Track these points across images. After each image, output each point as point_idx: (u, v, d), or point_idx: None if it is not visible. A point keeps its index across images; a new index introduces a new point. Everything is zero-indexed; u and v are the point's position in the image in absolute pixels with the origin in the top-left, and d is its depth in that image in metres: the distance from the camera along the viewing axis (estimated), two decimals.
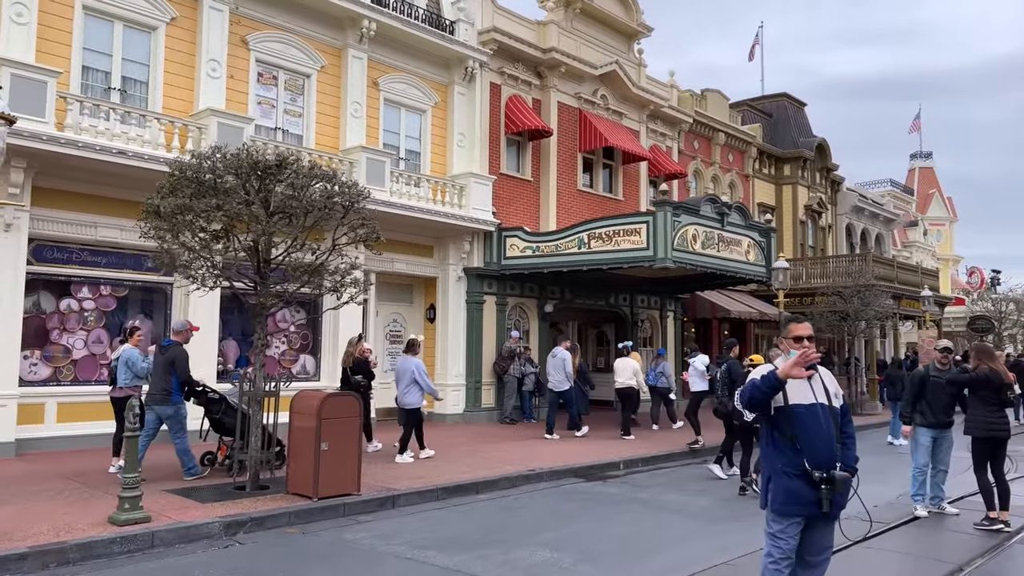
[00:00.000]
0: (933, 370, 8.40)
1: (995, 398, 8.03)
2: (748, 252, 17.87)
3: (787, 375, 4.21)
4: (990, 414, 8.02)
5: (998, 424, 8.03)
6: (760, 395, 4.26)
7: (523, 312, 17.93)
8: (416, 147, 16.36)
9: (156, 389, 8.92)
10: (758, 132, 26.23)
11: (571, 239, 16.14)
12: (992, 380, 8.18)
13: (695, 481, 10.69)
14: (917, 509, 8.45)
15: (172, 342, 9.16)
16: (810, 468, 4.25)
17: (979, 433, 8.08)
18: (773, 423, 4.37)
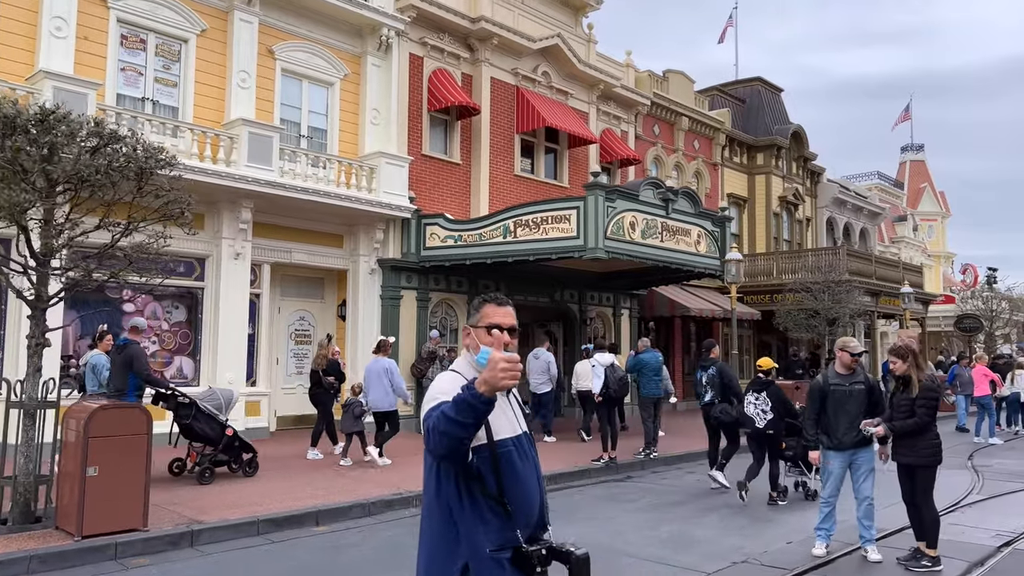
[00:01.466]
0: (834, 377, 6.68)
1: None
2: (698, 243, 16.17)
3: (494, 387, 2.41)
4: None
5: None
6: (462, 431, 2.42)
7: (451, 309, 16.22)
8: (322, 124, 14.67)
9: (112, 390, 8.59)
10: (727, 118, 24.51)
11: (496, 227, 14.45)
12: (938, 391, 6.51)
13: (598, 505, 8.98)
14: (816, 546, 6.76)
15: (129, 341, 8.80)
16: (524, 543, 2.58)
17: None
18: (466, 475, 2.62)
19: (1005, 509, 9.00)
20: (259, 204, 12.87)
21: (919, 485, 6.39)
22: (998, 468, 12.29)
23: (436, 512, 2.61)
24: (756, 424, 9.27)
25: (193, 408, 9.01)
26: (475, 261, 14.61)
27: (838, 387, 6.62)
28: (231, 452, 9.42)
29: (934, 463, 6.34)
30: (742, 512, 8.66)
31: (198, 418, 9.01)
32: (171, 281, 12.49)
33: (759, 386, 9.40)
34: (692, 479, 11.13)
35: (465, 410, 2.38)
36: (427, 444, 2.53)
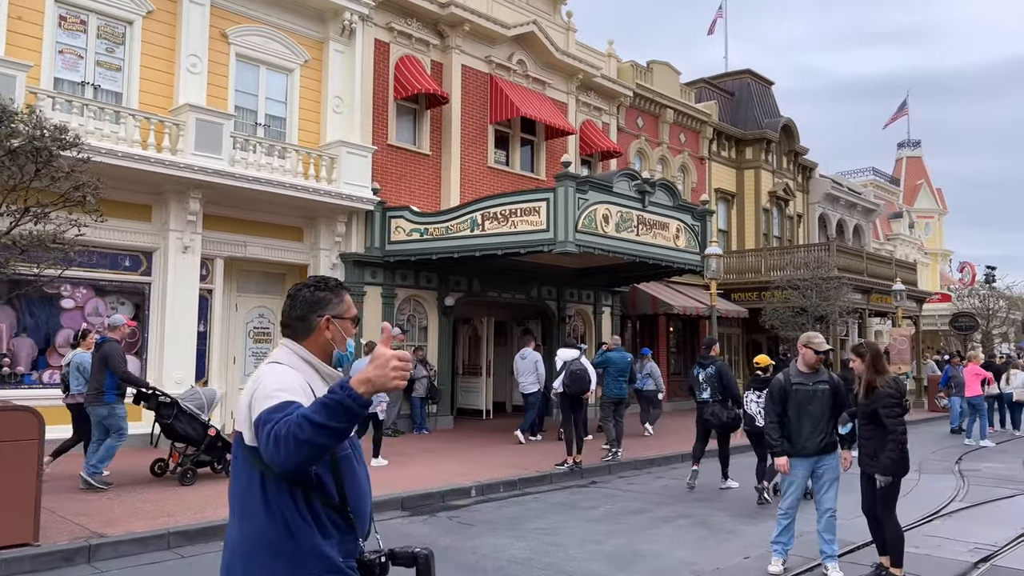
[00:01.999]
0: (797, 376, 6.04)
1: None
2: (677, 237, 15.54)
3: (380, 388, 1.99)
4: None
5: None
6: (331, 439, 1.97)
7: (419, 306, 15.59)
8: (281, 112, 14.03)
9: (91, 389, 8.44)
10: (714, 110, 23.86)
11: (463, 220, 13.82)
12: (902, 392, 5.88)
13: (552, 513, 8.34)
14: (772, 563, 6.12)
15: (106, 338, 8.57)
16: (364, 549, 2.28)
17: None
18: (302, 484, 2.19)
19: (988, 519, 8.36)
20: (209, 195, 12.24)
21: (880, 498, 5.76)
22: (986, 473, 11.65)
23: (268, 530, 2.18)
24: (756, 422, 9.04)
25: (174, 407, 8.86)
26: (442, 256, 13.96)
27: (801, 387, 5.99)
28: (214, 452, 9.26)
29: (897, 474, 5.71)
30: (703, 522, 8.02)
31: (179, 418, 8.86)
32: (116, 276, 11.93)
33: (759, 384, 9.22)
34: (659, 484, 10.51)
35: (339, 414, 1.95)
36: (271, 454, 2.02)
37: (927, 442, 16.05)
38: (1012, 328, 35.59)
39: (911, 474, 11.60)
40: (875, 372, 5.76)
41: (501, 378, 18.92)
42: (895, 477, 5.70)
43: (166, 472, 9.20)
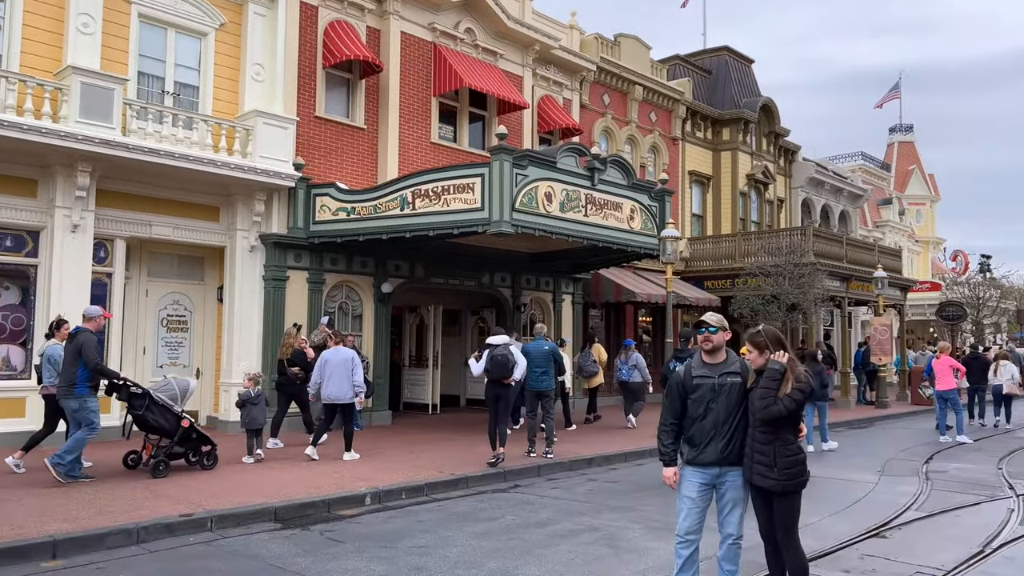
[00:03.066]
0: (699, 368, 4.90)
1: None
2: (632, 219, 14.42)
3: None
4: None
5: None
6: None
7: (352, 293, 14.46)
8: (194, 80, 12.87)
9: (63, 381, 8.27)
10: (687, 88, 22.65)
11: (393, 198, 12.68)
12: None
13: (442, 526, 7.23)
14: None
15: (81, 329, 8.37)
16: None
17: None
18: None
19: (942, 533, 7.26)
20: (101, 168, 11.11)
21: (779, 518, 4.64)
22: (954, 475, 10.55)
23: None
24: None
25: (146, 399, 8.73)
26: (369, 237, 12.84)
27: (703, 380, 4.84)
28: (188, 444, 9.17)
29: (797, 487, 4.58)
30: (612, 537, 6.92)
31: (151, 409, 8.73)
32: None
33: None
34: (586, 489, 9.42)
35: None
36: None
37: (902, 438, 14.97)
38: (1004, 318, 34.50)
39: (868, 476, 10.59)
40: (792, 363, 4.65)
41: (453, 370, 17.83)
42: (794, 493, 4.58)
43: (139, 464, 9.08)
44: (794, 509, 4.61)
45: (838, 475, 10.46)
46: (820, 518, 7.80)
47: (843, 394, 20.53)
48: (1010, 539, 7.00)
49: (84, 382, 8.24)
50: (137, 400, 8.71)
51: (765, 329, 4.77)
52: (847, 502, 8.62)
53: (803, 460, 4.60)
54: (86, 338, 8.26)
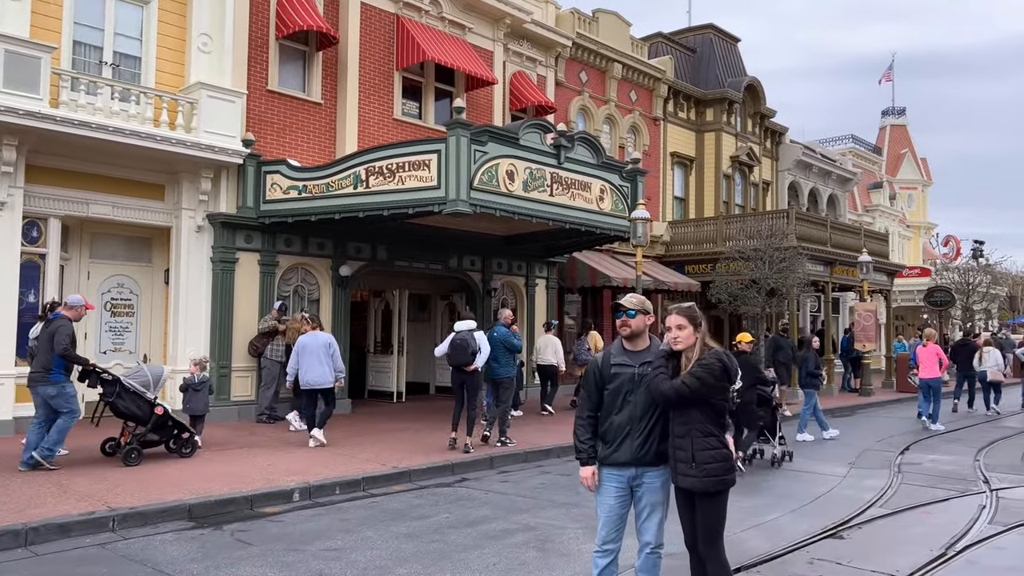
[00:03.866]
0: (619, 355, 4.32)
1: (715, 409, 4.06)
2: (601, 199, 13.83)
3: None
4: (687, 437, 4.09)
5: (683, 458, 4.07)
6: None
7: (309, 276, 13.84)
8: (135, 50, 12.19)
9: (38, 367, 8.20)
10: (669, 66, 21.95)
11: (346, 175, 12.06)
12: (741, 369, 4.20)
13: (366, 526, 6.67)
14: None
15: (58, 315, 8.36)
16: None
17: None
18: None
19: (904, 533, 6.73)
20: (30, 142, 10.47)
21: (700, 523, 4.08)
22: (928, 467, 10.03)
23: None
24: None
25: (117, 385, 8.58)
26: (321, 216, 12.22)
27: (622, 369, 4.25)
28: (163, 432, 9.01)
29: (722, 487, 4.02)
30: (545, 539, 6.37)
31: (122, 396, 8.59)
32: None
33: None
34: (537, 482, 8.91)
35: None
36: None
37: (882, 427, 14.46)
38: (995, 304, 34.01)
39: (838, 469, 10.06)
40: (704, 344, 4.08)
41: (422, 357, 17.26)
42: (718, 494, 4.02)
43: (117, 451, 8.89)
44: (718, 514, 4.06)
45: (807, 467, 9.94)
46: (778, 515, 7.28)
47: (827, 381, 20.01)
48: (976, 540, 6.47)
49: (60, 368, 8.21)
50: (108, 387, 8.60)
51: (678, 305, 4.18)
52: (809, 497, 8.09)
53: (727, 457, 4.02)
54: (61, 324, 8.22)
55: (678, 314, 4.11)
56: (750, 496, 8.13)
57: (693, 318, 4.10)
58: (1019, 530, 6.76)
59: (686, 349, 4.05)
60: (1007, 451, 11.58)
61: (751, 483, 8.88)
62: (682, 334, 4.07)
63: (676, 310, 4.14)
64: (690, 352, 4.04)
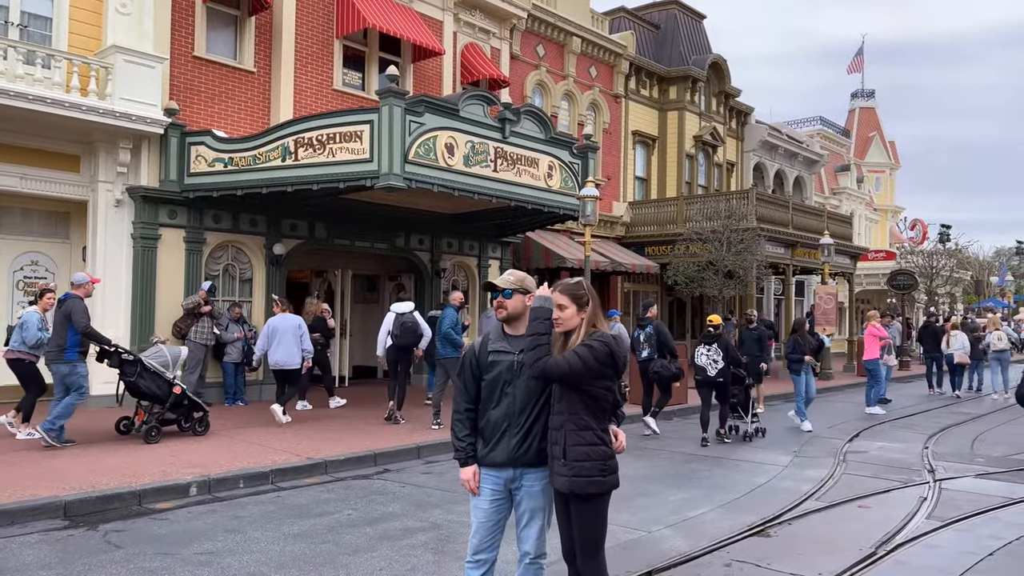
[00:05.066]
0: (499, 341, 3.76)
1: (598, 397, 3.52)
2: (550, 176, 13.25)
3: None
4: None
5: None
6: None
7: (240, 254, 13.14)
8: (46, 10, 11.34)
9: (53, 346, 8.38)
10: (630, 42, 21.34)
11: (274, 146, 11.35)
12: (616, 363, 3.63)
13: (253, 525, 6.09)
14: None
15: (70, 295, 8.50)
16: None
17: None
18: None
19: (834, 530, 6.28)
20: None
21: (577, 531, 3.56)
22: (874, 456, 9.66)
23: None
24: (708, 373, 10.38)
25: (138, 365, 8.80)
26: (248, 191, 11.52)
27: (501, 357, 3.70)
28: (179, 410, 9.26)
29: (597, 489, 3.48)
30: (443, 541, 5.85)
31: (143, 375, 8.80)
32: None
33: (709, 339, 10.51)
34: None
35: None
36: None
37: (836, 412, 14.13)
38: (959, 288, 34.06)
39: (781, 458, 9.65)
40: (589, 324, 3.54)
41: (370, 340, 16.59)
42: (597, 497, 3.50)
43: (131, 430, 9.13)
44: (595, 521, 3.53)
45: (749, 456, 9.52)
46: (706, 510, 6.82)
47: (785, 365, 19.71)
48: (911, 537, 6.06)
49: (74, 347, 8.38)
50: (128, 367, 8.76)
51: (576, 282, 3.64)
52: (745, 489, 7.65)
53: (606, 455, 3.48)
54: (75, 304, 8.37)
55: (561, 292, 3.57)
56: (683, 488, 7.69)
57: (577, 297, 3.56)
58: (956, 526, 6.37)
59: (569, 332, 3.52)
60: (958, 438, 11.28)
61: (687, 473, 8.44)
62: (563, 315, 3.53)
63: (559, 287, 3.61)
64: (574, 336, 3.50)
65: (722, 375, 10.32)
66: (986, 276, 49.21)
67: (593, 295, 3.61)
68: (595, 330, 3.52)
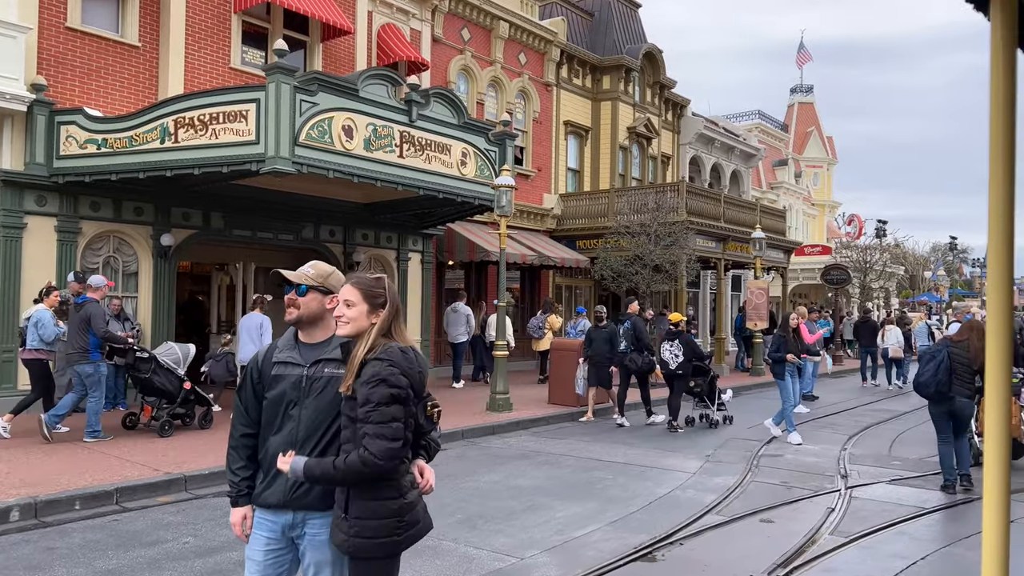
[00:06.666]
0: (286, 348, 2.95)
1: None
2: (463, 163, 12.50)
3: None
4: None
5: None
6: None
7: (124, 246, 12.04)
8: None
9: (74, 348, 8.65)
10: (561, 28, 20.68)
11: (152, 127, 10.34)
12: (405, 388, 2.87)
13: (57, 562, 5.20)
14: None
15: (87, 299, 8.73)
16: None
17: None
18: None
19: (732, 548, 5.67)
20: None
21: None
22: (789, 460, 9.16)
23: None
24: (670, 366, 11.28)
25: (152, 362, 9.13)
26: (124, 175, 10.47)
27: (287, 371, 2.89)
28: (187, 406, 9.69)
29: (392, 552, 2.72)
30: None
31: (158, 372, 9.14)
32: None
33: (671, 336, 11.45)
34: None
35: None
36: None
37: (762, 410, 13.64)
38: (892, 282, 34.48)
39: (691, 463, 9.10)
40: (381, 335, 2.77)
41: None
42: (375, 560, 2.74)
43: (137, 425, 9.46)
44: None
45: (658, 462, 8.92)
46: (593, 528, 6.16)
47: (717, 361, 19.37)
48: (812, 557, 5.49)
49: (96, 348, 8.72)
50: (143, 364, 9.10)
51: (376, 278, 2.87)
52: (643, 502, 7.02)
53: (403, 508, 2.72)
54: (93, 310, 8.60)
55: (352, 285, 2.78)
56: (578, 500, 7.03)
57: (371, 294, 2.77)
58: (861, 543, 5.83)
59: (355, 336, 2.75)
60: (877, 438, 10.92)
61: (588, 482, 7.79)
62: (350, 312, 2.75)
63: (351, 279, 2.83)
64: (359, 345, 2.73)
65: (681, 368, 11.22)
66: (920, 271, 50.31)
67: (394, 299, 2.83)
68: (386, 343, 2.74)
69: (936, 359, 7.40)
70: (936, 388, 7.43)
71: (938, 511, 6.88)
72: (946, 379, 7.33)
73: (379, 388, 2.56)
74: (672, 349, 11.29)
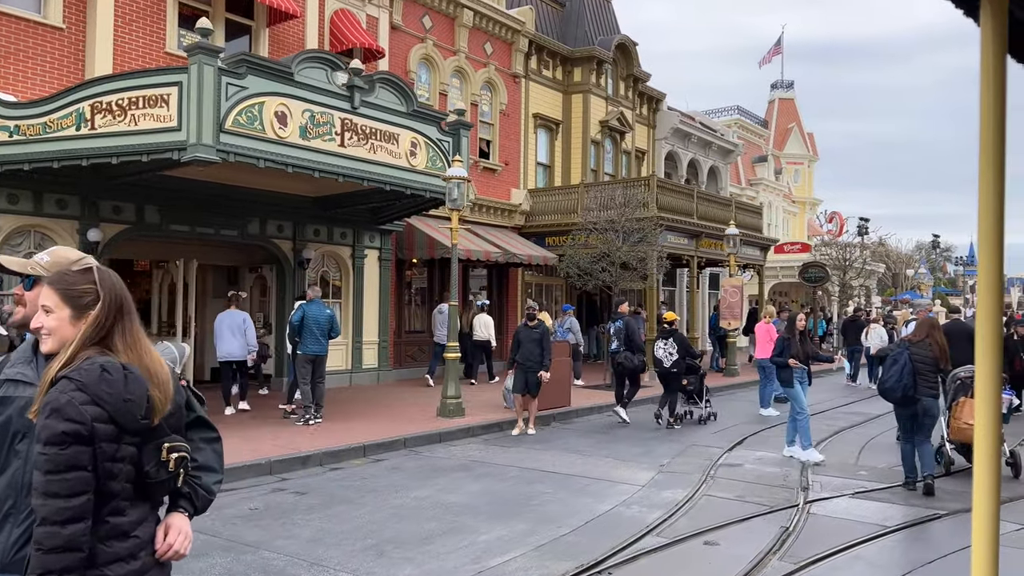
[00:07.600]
0: (21, 361, 2.20)
1: None
2: (413, 154, 11.80)
3: None
4: None
5: None
6: None
7: (47, 241, 11.21)
8: None
9: None
10: (529, 18, 19.99)
11: (67, 112, 9.60)
12: None
13: None
14: None
15: None
16: None
17: None
18: None
19: None
20: None
21: None
22: (748, 470, 8.52)
23: None
24: (664, 364, 11.29)
25: None
26: (36, 165, 9.71)
27: (18, 390, 2.09)
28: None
29: None
30: None
31: None
32: None
33: (666, 334, 11.45)
34: (337, 484, 6.82)
35: None
36: None
37: (731, 413, 13.02)
38: (872, 280, 34.04)
39: (641, 474, 8.37)
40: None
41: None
42: None
43: None
44: None
45: (608, 473, 8.25)
46: (517, 555, 5.48)
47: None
48: None
49: None
50: None
51: (81, 269, 2.16)
52: (579, 521, 6.35)
53: None
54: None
55: (49, 285, 2.08)
56: (507, 520, 6.34)
57: (72, 295, 2.06)
58: (810, 571, 5.18)
59: (57, 349, 2.04)
60: (847, 444, 10.31)
61: (525, 497, 7.11)
62: (49, 321, 2.05)
63: (48, 279, 2.13)
64: (58, 357, 2.02)
65: (676, 366, 11.26)
66: (903, 269, 50.01)
67: (113, 296, 2.10)
68: (90, 356, 2.00)
69: (898, 363, 6.96)
70: (903, 393, 7.17)
71: (900, 530, 6.25)
72: (911, 382, 7.08)
73: (50, 422, 1.85)
74: (666, 348, 11.31)
